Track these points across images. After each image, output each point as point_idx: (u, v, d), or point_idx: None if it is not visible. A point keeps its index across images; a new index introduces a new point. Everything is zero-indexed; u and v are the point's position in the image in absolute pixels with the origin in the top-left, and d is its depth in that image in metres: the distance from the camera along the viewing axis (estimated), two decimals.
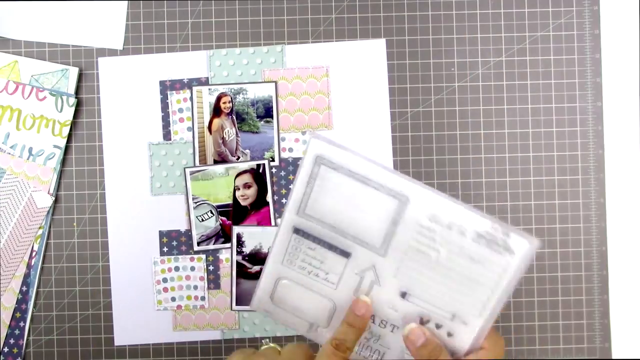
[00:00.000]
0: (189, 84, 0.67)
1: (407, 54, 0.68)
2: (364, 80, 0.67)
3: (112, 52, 0.68)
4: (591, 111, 0.68)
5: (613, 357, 0.67)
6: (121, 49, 0.68)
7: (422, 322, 0.45)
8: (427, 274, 0.44)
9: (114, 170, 0.67)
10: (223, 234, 0.67)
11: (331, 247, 0.45)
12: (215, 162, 0.67)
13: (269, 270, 0.47)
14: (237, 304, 0.67)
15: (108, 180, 0.67)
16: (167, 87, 0.67)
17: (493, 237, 0.42)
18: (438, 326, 0.45)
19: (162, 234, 0.67)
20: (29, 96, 0.66)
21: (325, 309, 0.47)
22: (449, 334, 0.45)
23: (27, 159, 0.67)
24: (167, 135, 0.67)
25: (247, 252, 0.67)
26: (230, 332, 0.67)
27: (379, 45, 0.68)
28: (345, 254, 0.45)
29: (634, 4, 0.68)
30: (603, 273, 0.67)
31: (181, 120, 0.67)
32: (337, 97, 0.67)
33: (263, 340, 0.47)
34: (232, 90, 0.67)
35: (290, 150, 0.67)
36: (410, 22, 0.68)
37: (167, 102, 0.67)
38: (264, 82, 0.67)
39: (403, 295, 0.45)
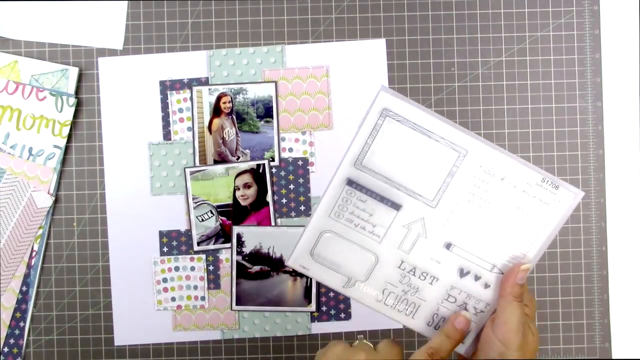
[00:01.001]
0: (189, 84, 0.67)
1: (407, 54, 0.68)
2: (364, 80, 0.67)
3: (112, 52, 0.68)
4: (591, 111, 0.68)
5: (613, 357, 0.67)
6: (121, 49, 0.68)
7: (462, 274, 0.48)
8: (474, 225, 0.47)
9: (114, 170, 0.67)
10: (223, 234, 0.67)
11: (382, 200, 0.47)
12: (215, 162, 0.67)
13: (314, 224, 0.48)
14: (237, 304, 0.67)
15: (108, 180, 0.67)
16: (167, 87, 0.67)
17: (543, 189, 0.45)
18: (477, 278, 0.48)
19: (162, 234, 0.67)
20: (29, 96, 0.66)
21: (366, 263, 0.48)
22: (487, 286, 0.48)
23: (27, 159, 0.67)
24: (167, 135, 0.67)
25: (247, 252, 0.67)
26: (230, 332, 0.67)
27: (379, 45, 0.67)
28: (396, 206, 0.47)
29: (634, 4, 0.68)
30: (603, 273, 0.67)
31: (181, 120, 0.67)
32: (337, 97, 0.67)
33: (358, 337, 0.47)
34: (232, 90, 0.67)
35: (290, 150, 0.67)
36: (410, 22, 0.68)
37: (167, 102, 0.67)
38: (264, 82, 0.67)
39: (448, 246, 0.47)
